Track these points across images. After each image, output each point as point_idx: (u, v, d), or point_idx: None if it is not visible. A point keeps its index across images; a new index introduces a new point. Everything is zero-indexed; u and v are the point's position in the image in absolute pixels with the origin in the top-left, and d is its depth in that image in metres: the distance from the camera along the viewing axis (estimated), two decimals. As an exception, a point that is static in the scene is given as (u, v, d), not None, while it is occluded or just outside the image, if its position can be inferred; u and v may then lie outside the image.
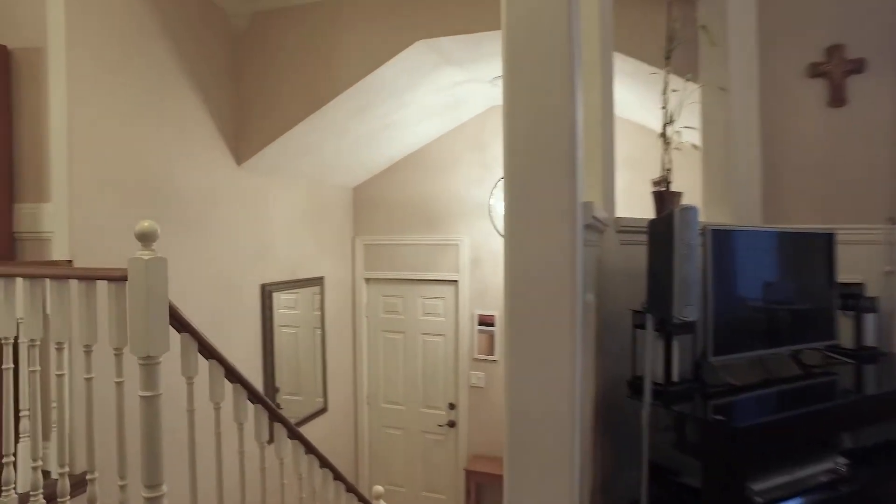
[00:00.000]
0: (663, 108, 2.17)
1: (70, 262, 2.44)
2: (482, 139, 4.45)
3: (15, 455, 1.77)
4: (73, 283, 1.65)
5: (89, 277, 1.58)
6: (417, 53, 3.00)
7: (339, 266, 4.65)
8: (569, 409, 1.33)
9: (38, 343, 1.69)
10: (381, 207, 4.79)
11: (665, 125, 2.18)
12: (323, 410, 4.36)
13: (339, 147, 3.85)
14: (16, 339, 1.78)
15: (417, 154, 4.67)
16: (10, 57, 2.63)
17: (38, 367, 1.71)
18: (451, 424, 4.65)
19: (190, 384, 1.74)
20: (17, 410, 1.84)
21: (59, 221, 2.51)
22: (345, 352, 4.75)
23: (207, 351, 1.79)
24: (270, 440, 2.19)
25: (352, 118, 3.49)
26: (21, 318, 1.72)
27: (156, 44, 2.87)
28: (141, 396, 1.51)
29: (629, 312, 1.83)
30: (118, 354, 1.58)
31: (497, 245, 4.31)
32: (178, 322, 1.67)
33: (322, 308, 4.41)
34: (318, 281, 4.33)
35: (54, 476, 1.77)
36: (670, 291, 1.56)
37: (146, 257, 1.49)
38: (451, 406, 4.65)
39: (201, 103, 3.13)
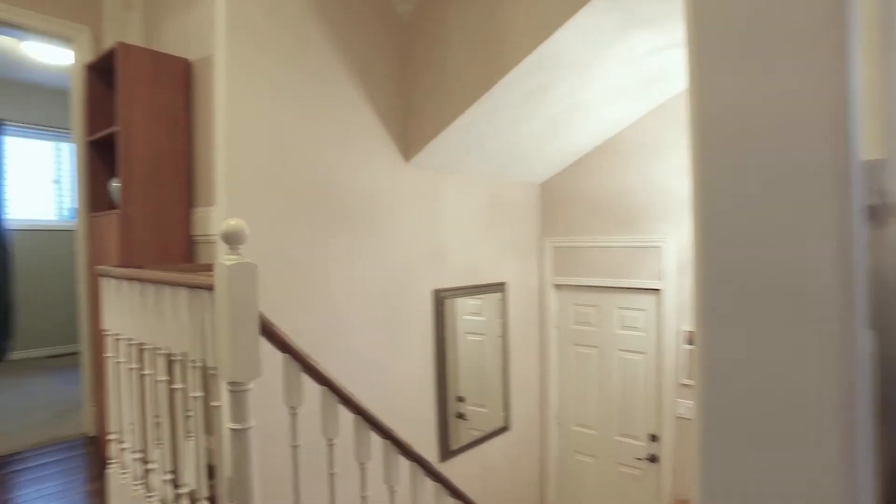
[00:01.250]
0: None
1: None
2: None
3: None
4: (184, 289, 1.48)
5: (174, 284, 1.38)
6: (596, 12, 2.44)
7: (523, 270, 4.23)
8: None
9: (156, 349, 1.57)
10: (573, 205, 4.25)
11: None
12: (503, 429, 3.97)
13: (517, 138, 3.42)
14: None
15: (610, 143, 4.03)
16: (190, 69, 2.71)
17: (161, 376, 1.59)
18: (652, 459, 3.92)
19: (293, 415, 1.46)
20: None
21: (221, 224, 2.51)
22: (530, 365, 4.31)
23: (316, 375, 1.49)
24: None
25: (526, 102, 3.04)
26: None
27: (319, 42, 2.76)
28: (230, 429, 1.26)
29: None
30: (213, 375, 1.36)
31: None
32: (275, 340, 1.39)
33: (504, 316, 4.04)
34: (499, 287, 3.96)
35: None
36: None
37: (230, 263, 1.23)
38: (653, 438, 3.92)
39: (366, 97, 2.96)
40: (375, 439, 1.71)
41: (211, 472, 1.49)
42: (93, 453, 2.97)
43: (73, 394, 4.00)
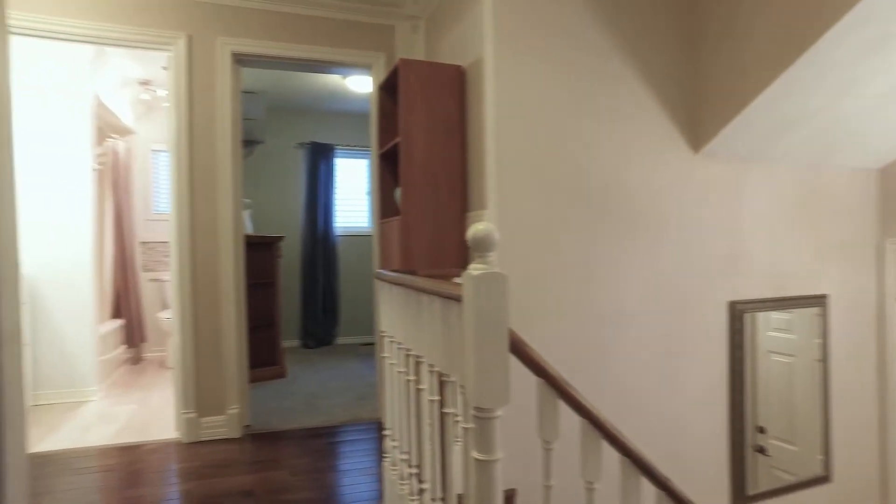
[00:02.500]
0: None
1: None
2: None
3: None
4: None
5: (429, 292, 1.31)
6: None
7: (854, 280, 3.31)
8: None
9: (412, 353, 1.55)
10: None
11: None
12: (823, 479, 3.16)
13: (844, 109, 2.66)
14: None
15: None
16: (464, 75, 2.76)
17: (422, 384, 1.58)
18: None
19: (547, 450, 1.27)
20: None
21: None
22: (863, 400, 3.36)
23: (575, 405, 1.28)
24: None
25: (858, 62, 2.32)
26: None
27: (591, 34, 2.54)
28: (474, 459, 1.14)
29: None
30: (463, 393, 1.25)
31: None
32: (528, 361, 1.22)
33: (824, 335, 3.22)
34: (816, 300, 3.17)
35: None
36: None
37: (476, 272, 1.10)
38: None
39: (645, 84, 2.63)
40: (647, 486, 1.42)
41: (460, 500, 1.41)
42: (382, 438, 3.27)
43: (374, 380, 4.54)
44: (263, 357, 4.66)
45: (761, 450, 3.07)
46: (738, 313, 2.91)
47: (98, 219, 4.56)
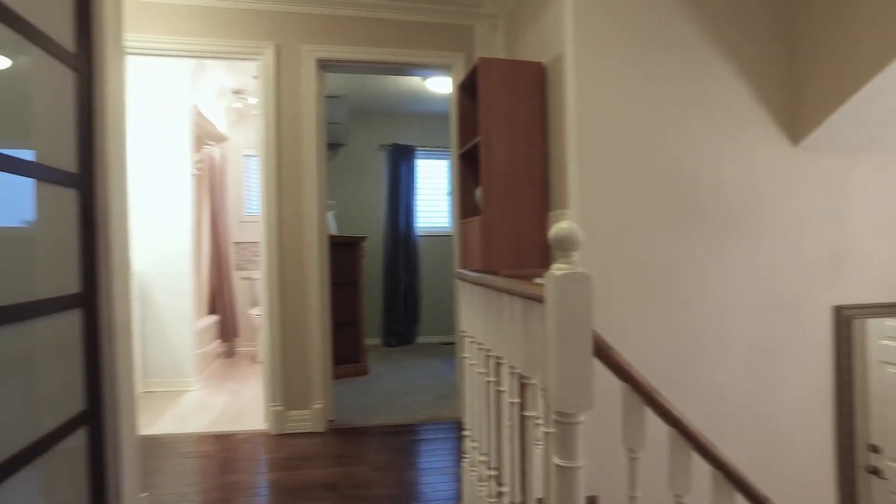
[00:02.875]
0: None
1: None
2: None
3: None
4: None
5: (510, 292, 1.28)
6: None
7: None
8: None
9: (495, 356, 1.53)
10: None
11: None
12: (950, 507, 2.84)
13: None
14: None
15: None
16: (544, 72, 2.71)
17: (501, 386, 1.55)
18: None
19: (632, 459, 1.20)
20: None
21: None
22: None
23: (663, 412, 1.21)
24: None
25: None
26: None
27: (678, 23, 2.42)
28: (555, 465, 1.10)
29: None
30: (544, 396, 1.22)
31: None
32: (613, 365, 1.17)
33: (950, 348, 2.90)
34: (941, 307, 2.86)
35: None
36: None
37: (559, 273, 1.07)
38: None
39: (737, 75, 2.47)
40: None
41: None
42: (461, 438, 3.27)
43: (454, 379, 4.56)
44: (346, 354, 4.79)
45: (875, 471, 2.81)
46: (846, 319, 2.67)
47: (196, 221, 4.86)
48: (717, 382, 2.46)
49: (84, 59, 1.94)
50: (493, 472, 1.78)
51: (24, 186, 1.61)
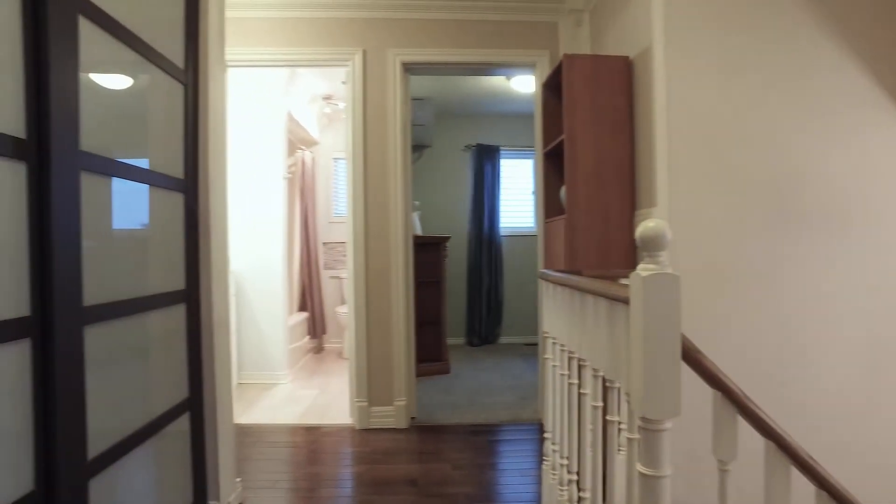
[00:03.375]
0: None
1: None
2: None
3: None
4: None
5: (594, 293, 1.24)
6: None
7: None
8: None
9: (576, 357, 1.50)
10: None
11: None
12: None
13: None
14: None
15: None
16: (631, 67, 2.62)
17: (585, 389, 1.52)
18: None
19: (723, 471, 1.14)
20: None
21: (663, 227, 2.32)
22: None
23: (757, 423, 1.13)
24: None
25: None
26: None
27: (771, 7, 2.26)
28: (640, 473, 1.06)
29: None
30: (628, 401, 1.18)
31: None
32: (702, 371, 1.11)
33: None
34: None
35: None
36: None
37: (645, 273, 1.03)
38: None
39: (846, 55, 2.27)
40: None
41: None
42: (542, 440, 3.22)
43: (536, 380, 4.50)
44: (429, 353, 4.86)
45: None
46: (981, 330, 2.38)
47: (288, 222, 5.11)
48: (815, 391, 2.27)
49: (191, 73, 2.09)
50: (573, 477, 1.75)
51: (141, 192, 1.77)
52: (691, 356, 1.09)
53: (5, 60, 1.19)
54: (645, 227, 1.05)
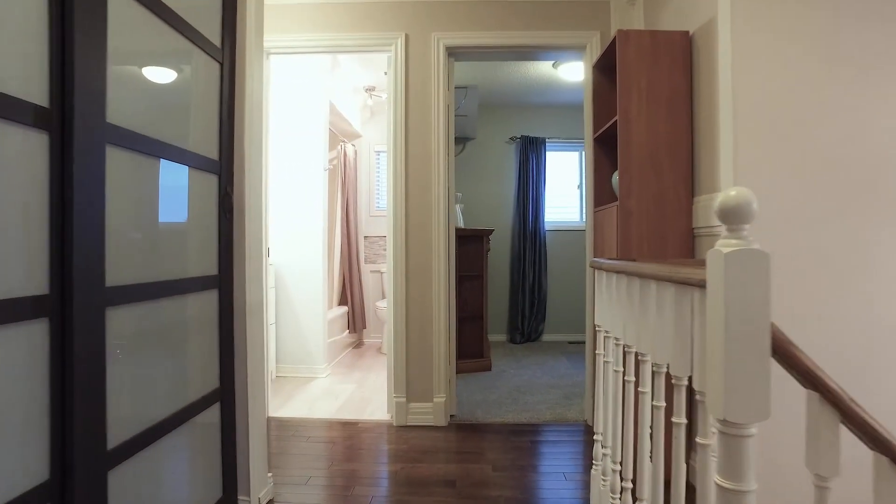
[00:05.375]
0: None
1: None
2: None
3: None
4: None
5: (660, 278, 1.09)
6: None
7: None
8: None
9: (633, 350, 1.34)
10: None
11: None
12: None
13: None
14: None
15: None
16: (690, 42, 2.43)
17: (644, 387, 1.36)
18: None
19: (820, 489, 0.96)
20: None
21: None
22: None
23: (865, 430, 0.95)
24: None
25: None
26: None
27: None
28: (717, 485, 0.90)
29: None
30: (702, 401, 1.02)
31: None
32: (796, 367, 0.93)
33: None
34: None
35: None
36: None
37: (727, 250, 0.87)
38: None
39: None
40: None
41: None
42: (588, 442, 3.04)
43: (581, 379, 4.31)
44: (470, 349, 4.73)
45: None
46: None
47: (329, 215, 5.05)
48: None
49: (228, 50, 2.01)
50: (627, 485, 1.59)
51: (172, 171, 1.69)
52: (784, 349, 0.92)
53: (30, 23, 1.12)
54: (726, 195, 0.89)
